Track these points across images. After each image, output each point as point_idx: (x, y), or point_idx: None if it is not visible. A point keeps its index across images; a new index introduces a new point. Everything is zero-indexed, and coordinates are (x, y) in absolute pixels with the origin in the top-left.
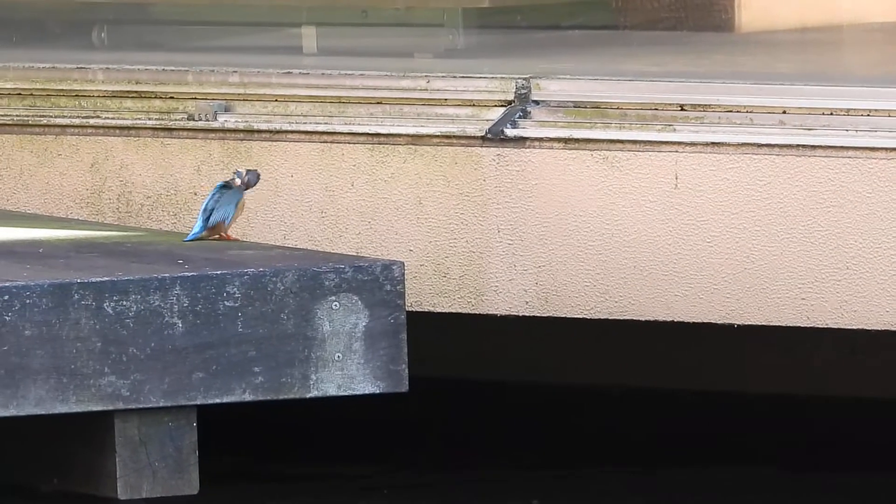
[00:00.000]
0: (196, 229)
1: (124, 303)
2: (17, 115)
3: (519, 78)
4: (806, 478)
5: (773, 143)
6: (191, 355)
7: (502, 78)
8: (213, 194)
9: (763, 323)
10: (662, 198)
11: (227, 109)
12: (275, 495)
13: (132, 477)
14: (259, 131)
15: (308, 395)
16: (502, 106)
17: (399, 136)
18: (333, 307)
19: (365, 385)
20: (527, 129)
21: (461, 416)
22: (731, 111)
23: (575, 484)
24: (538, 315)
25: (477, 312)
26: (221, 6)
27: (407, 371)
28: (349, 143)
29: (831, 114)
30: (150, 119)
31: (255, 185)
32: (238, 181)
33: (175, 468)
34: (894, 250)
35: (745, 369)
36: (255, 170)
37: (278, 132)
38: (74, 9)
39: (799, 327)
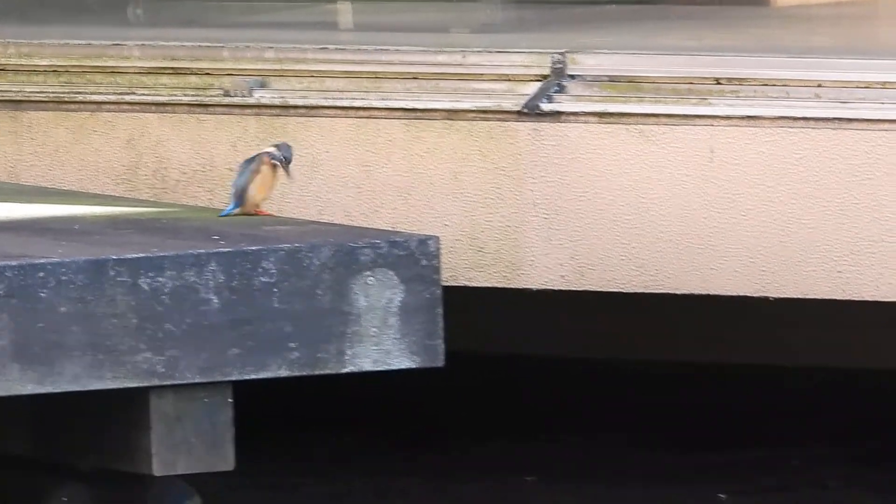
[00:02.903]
0: (231, 206)
1: (160, 279)
2: (52, 92)
3: (554, 52)
4: (847, 450)
5: (808, 116)
6: (226, 331)
7: (538, 52)
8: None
9: (799, 296)
10: (698, 171)
11: (262, 85)
12: (307, 470)
13: (168, 453)
14: (295, 107)
15: (343, 371)
16: (538, 80)
17: (435, 111)
18: (369, 282)
19: (401, 360)
20: (562, 104)
21: (498, 391)
22: (766, 85)
23: (612, 459)
24: (574, 289)
25: (513, 287)
26: None
27: (443, 346)
28: (385, 118)
29: (867, 87)
30: (185, 95)
31: (291, 159)
32: (274, 161)
33: (211, 444)
34: None
35: (782, 343)
36: (285, 143)
37: (314, 108)
38: None
39: (835, 300)
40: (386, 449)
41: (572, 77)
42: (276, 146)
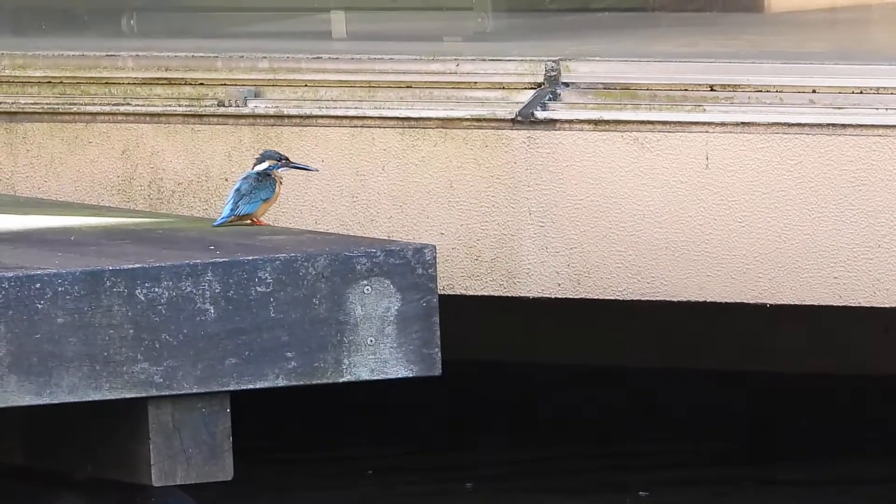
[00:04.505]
0: (225, 213)
1: (156, 289)
2: (47, 104)
3: (548, 60)
4: (842, 458)
5: (803, 122)
6: (223, 341)
7: (532, 60)
8: (247, 178)
9: (796, 302)
10: (693, 178)
11: (257, 95)
12: (305, 476)
13: (166, 463)
14: (289, 116)
15: (341, 380)
16: (532, 88)
17: (429, 119)
18: (365, 291)
19: (398, 369)
20: (557, 112)
21: (494, 399)
22: (760, 91)
23: (609, 462)
24: (570, 297)
25: (509, 295)
26: None
27: (440, 354)
28: (379, 127)
29: (861, 92)
30: (180, 105)
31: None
32: (278, 171)
33: (209, 454)
34: None
35: (778, 349)
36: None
37: (308, 117)
38: None
39: (832, 306)
40: (383, 454)
41: (566, 85)
42: (271, 157)
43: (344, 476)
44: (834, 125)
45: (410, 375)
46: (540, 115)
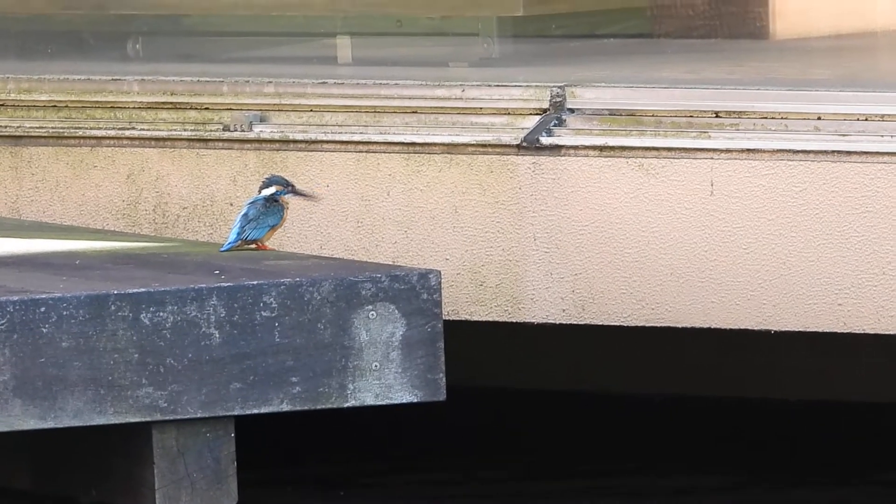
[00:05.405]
0: (232, 238)
1: (161, 314)
2: (52, 128)
3: (554, 86)
4: (846, 483)
5: (808, 149)
6: (228, 365)
7: (537, 86)
8: (255, 202)
9: (800, 329)
10: (698, 205)
11: (262, 120)
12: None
13: (170, 488)
14: (294, 141)
15: (345, 405)
16: (537, 114)
17: (434, 144)
18: (370, 316)
19: (402, 394)
20: (562, 137)
21: (498, 425)
22: (766, 118)
23: (613, 491)
24: (575, 323)
25: (513, 321)
26: (256, 17)
27: (444, 380)
28: (384, 152)
29: (866, 119)
30: (185, 130)
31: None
32: (284, 196)
33: (213, 479)
34: None
35: (783, 376)
36: (275, 175)
37: (314, 142)
38: (109, 21)
39: (836, 333)
40: (384, 479)
41: (572, 111)
42: (278, 183)
43: (347, 499)
44: (839, 152)
45: (415, 401)
46: (545, 140)
